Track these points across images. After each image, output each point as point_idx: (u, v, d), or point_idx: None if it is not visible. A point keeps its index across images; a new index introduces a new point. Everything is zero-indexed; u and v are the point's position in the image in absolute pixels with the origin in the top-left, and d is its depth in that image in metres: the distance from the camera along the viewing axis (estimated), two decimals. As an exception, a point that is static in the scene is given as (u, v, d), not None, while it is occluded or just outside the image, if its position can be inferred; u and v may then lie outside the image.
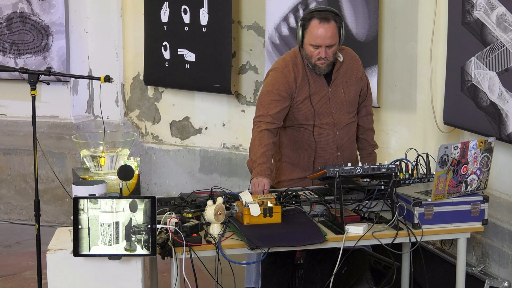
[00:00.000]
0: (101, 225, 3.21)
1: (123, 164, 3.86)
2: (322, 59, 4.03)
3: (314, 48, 4.02)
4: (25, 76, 3.98)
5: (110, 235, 3.20)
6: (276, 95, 4.09)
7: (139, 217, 3.21)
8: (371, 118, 4.40)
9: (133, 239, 3.20)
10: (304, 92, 4.12)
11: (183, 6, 6.08)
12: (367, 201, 3.79)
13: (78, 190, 3.54)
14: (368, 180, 3.89)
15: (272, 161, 4.11)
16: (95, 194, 3.46)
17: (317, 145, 4.18)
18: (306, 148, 4.20)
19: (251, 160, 4.02)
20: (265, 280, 4.31)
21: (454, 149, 3.59)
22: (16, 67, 4.17)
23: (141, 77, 6.54)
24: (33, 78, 3.95)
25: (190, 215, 3.57)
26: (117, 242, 3.20)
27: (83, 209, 3.20)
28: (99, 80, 4.03)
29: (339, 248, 3.56)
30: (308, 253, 4.31)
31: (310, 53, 4.04)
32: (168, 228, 3.40)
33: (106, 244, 3.21)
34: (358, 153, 4.44)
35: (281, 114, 4.10)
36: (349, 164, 3.72)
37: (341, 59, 4.17)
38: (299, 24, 4.06)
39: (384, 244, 3.59)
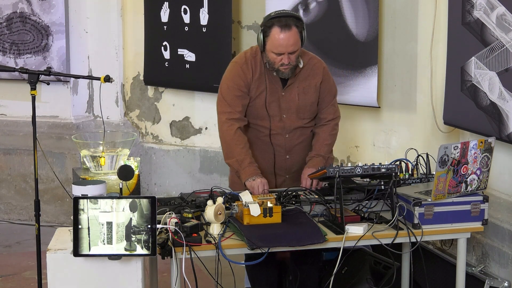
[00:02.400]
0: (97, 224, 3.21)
1: (123, 164, 3.86)
2: (285, 65, 3.99)
3: (276, 55, 3.96)
4: (25, 76, 3.98)
5: (104, 234, 3.20)
6: (238, 90, 4.07)
7: (139, 217, 3.21)
8: (332, 127, 4.23)
9: (133, 239, 3.20)
10: (258, 91, 4.08)
11: (183, 6, 6.08)
12: (367, 201, 3.79)
13: (78, 190, 3.54)
14: (368, 180, 3.89)
15: None
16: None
17: (274, 146, 4.16)
18: (263, 149, 4.17)
19: (236, 160, 4.01)
20: (253, 281, 4.31)
21: (454, 149, 3.59)
22: (16, 67, 4.17)
23: (141, 77, 6.54)
24: (33, 78, 3.95)
25: (190, 215, 3.57)
26: (110, 242, 3.20)
27: (83, 209, 3.20)
28: (99, 80, 4.03)
29: (339, 248, 3.56)
30: (292, 257, 4.30)
31: (273, 59, 3.99)
32: (168, 228, 3.40)
33: (101, 243, 3.21)
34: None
35: (244, 110, 4.10)
36: (349, 164, 3.73)
37: (301, 65, 4.11)
38: (259, 30, 4.00)
39: (384, 244, 3.59)
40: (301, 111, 4.16)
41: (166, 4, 6.16)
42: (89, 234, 3.20)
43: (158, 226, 3.29)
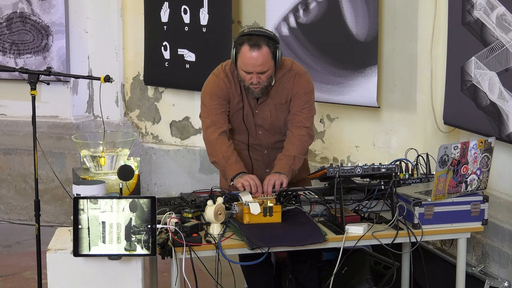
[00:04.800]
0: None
1: (123, 164, 3.86)
2: (255, 84, 3.93)
3: (245, 73, 3.91)
4: (25, 76, 3.97)
5: (102, 234, 3.20)
6: (219, 98, 4.02)
7: (139, 217, 3.21)
8: (299, 132, 4.03)
9: (133, 239, 3.20)
10: (237, 106, 4.05)
11: (183, 6, 6.08)
12: (367, 201, 3.79)
13: (78, 190, 3.54)
14: (368, 180, 3.89)
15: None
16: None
17: (252, 161, 4.14)
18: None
19: (223, 157, 3.95)
20: (249, 282, 4.32)
21: (454, 149, 3.59)
22: (16, 67, 4.17)
23: (141, 77, 6.55)
24: (33, 78, 3.95)
25: (190, 215, 3.57)
26: (110, 242, 3.20)
27: (83, 209, 3.20)
28: (99, 80, 4.03)
29: (339, 248, 3.56)
30: (290, 257, 4.30)
31: (243, 77, 3.93)
32: (168, 228, 3.40)
33: (101, 242, 3.21)
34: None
35: (227, 118, 4.05)
36: (349, 164, 3.72)
37: (273, 83, 4.01)
38: (233, 45, 3.94)
39: (384, 244, 3.59)
40: (276, 128, 4.10)
41: (166, 4, 6.16)
42: (89, 234, 3.20)
43: (158, 226, 3.29)
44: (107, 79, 4.02)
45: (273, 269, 4.42)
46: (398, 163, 3.92)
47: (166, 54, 6.24)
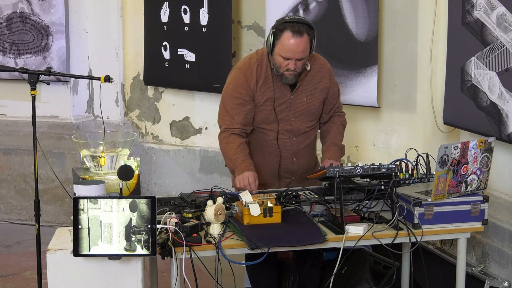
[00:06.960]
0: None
1: (123, 164, 3.86)
2: (291, 71, 3.99)
3: (283, 59, 3.96)
4: (25, 76, 3.97)
5: (102, 233, 3.21)
6: (238, 99, 4.07)
7: (139, 217, 3.21)
8: (342, 121, 4.35)
9: (133, 239, 3.20)
10: (265, 96, 4.09)
11: (183, 6, 6.08)
12: (367, 201, 3.79)
13: (79, 190, 3.53)
14: (368, 180, 3.89)
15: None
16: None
17: (280, 150, 4.17)
18: (269, 152, 4.16)
19: (230, 160, 4.03)
20: (253, 281, 4.32)
21: (454, 149, 3.59)
22: (16, 67, 4.17)
23: (141, 77, 6.55)
24: (33, 78, 3.95)
25: (190, 215, 3.57)
26: (110, 242, 3.20)
27: (83, 209, 3.20)
28: (99, 80, 4.03)
29: (339, 248, 3.56)
30: (294, 257, 4.30)
31: (279, 63, 3.99)
32: (168, 228, 3.40)
33: (101, 242, 3.21)
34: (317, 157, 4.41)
35: (248, 118, 4.10)
36: (349, 164, 3.73)
37: (308, 68, 4.13)
38: (270, 32, 3.99)
39: (384, 244, 3.59)
40: (309, 113, 4.18)
41: (166, 4, 6.16)
42: (89, 234, 3.20)
43: (158, 226, 3.29)
44: (107, 79, 4.02)
45: (278, 269, 4.42)
46: (398, 163, 3.91)
47: (166, 54, 6.24)
